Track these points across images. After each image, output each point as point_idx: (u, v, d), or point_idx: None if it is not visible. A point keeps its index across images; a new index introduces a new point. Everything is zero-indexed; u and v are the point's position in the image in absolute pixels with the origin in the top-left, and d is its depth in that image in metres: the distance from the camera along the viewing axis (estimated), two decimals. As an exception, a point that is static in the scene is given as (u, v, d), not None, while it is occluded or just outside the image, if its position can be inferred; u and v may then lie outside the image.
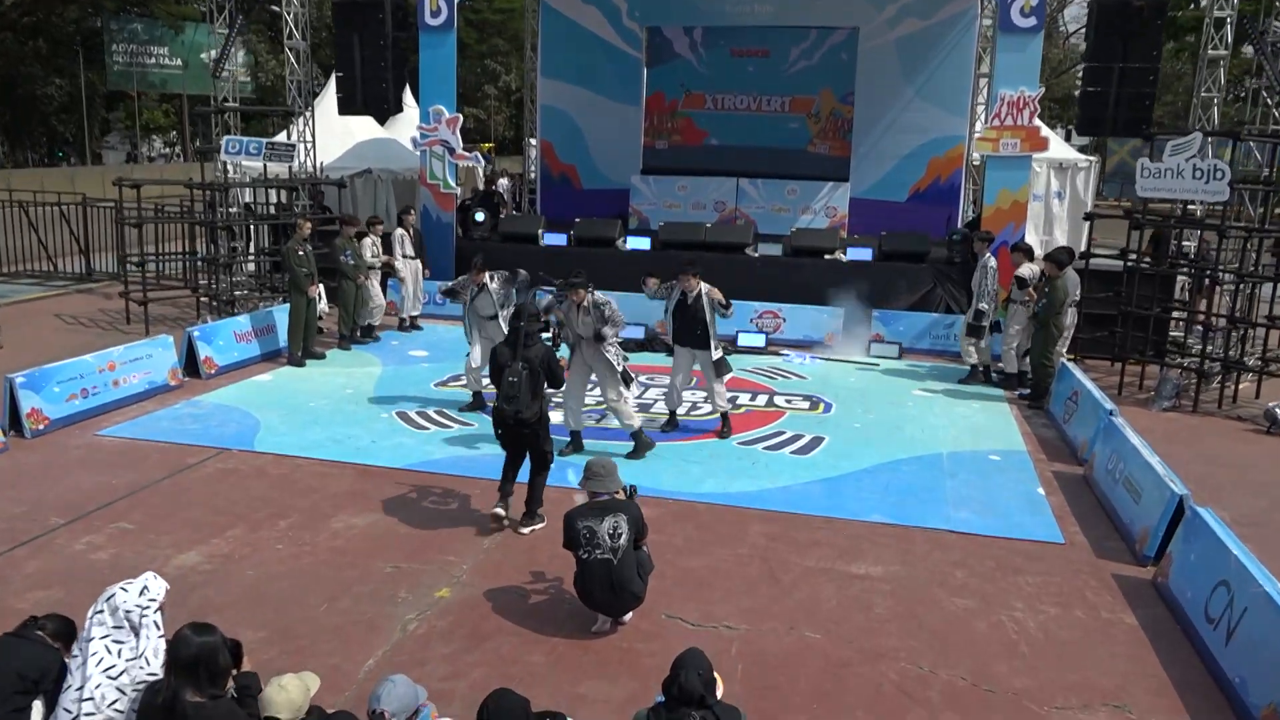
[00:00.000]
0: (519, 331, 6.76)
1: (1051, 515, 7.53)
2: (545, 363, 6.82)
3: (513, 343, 6.80)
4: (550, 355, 6.89)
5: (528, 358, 6.71)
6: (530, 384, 6.66)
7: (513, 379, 6.62)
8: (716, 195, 18.14)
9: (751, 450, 8.90)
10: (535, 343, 6.83)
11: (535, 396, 6.73)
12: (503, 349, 6.86)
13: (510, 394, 6.61)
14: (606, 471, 5.69)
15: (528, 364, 6.68)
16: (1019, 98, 13.34)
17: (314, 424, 9.29)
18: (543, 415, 6.88)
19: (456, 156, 15.24)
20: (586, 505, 5.61)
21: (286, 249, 11.53)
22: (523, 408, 6.63)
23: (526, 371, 6.65)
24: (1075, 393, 9.62)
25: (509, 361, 6.70)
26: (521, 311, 6.90)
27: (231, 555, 6.46)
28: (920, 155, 18.10)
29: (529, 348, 6.76)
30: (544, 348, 6.91)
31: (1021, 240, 13.33)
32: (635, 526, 5.51)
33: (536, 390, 6.74)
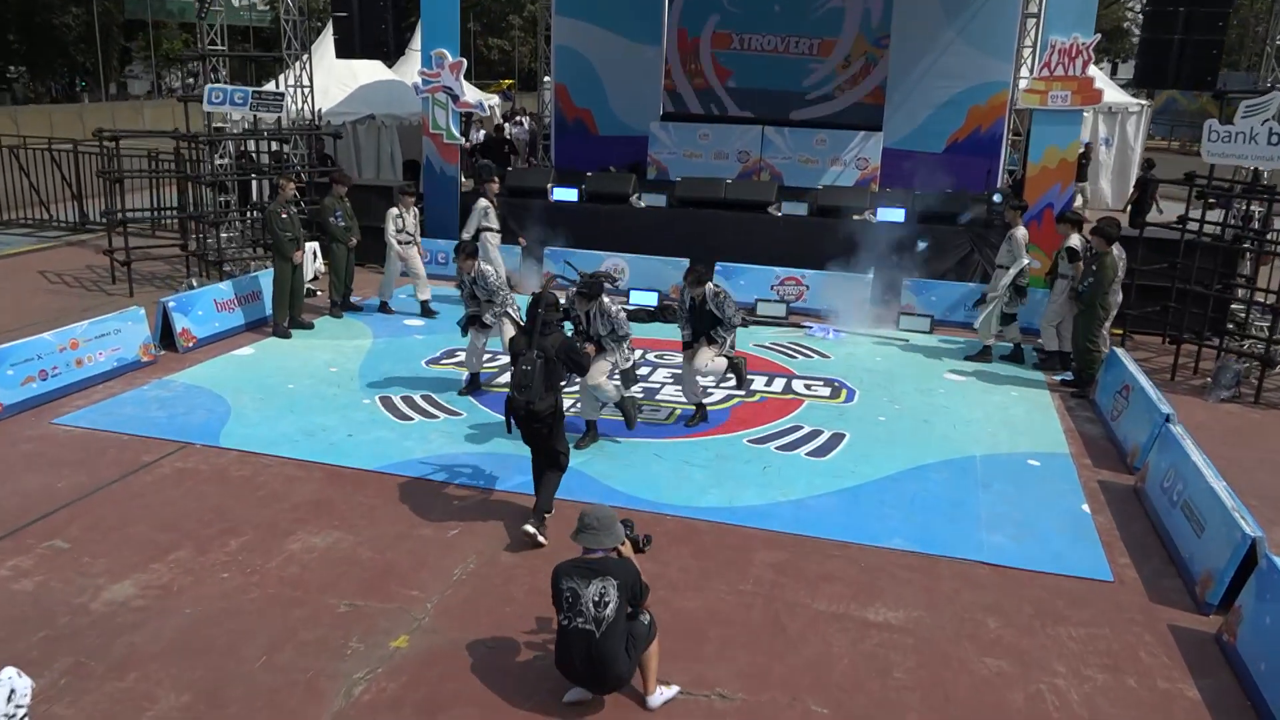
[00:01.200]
0: (536, 319, 6.36)
1: (1098, 542, 6.67)
2: (564, 352, 6.41)
3: (529, 330, 6.42)
4: (570, 345, 6.52)
5: (543, 346, 6.31)
6: (545, 374, 6.25)
7: (526, 367, 6.24)
8: (740, 145, 17.05)
9: (763, 451, 8.07)
10: (553, 331, 6.42)
11: (550, 388, 6.29)
12: (518, 337, 6.57)
13: (524, 383, 6.22)
14: (601, 524, 4.78)
15: (543, 353, 6.29)
16: (1072, 45, 12.13)
17: (288, 411, 8.56)
18: (557, 410, 6.41)
19: (460, 105, 14.25)
20: (576, 562, 4.77)
21: (269, 212, 10.71)
22: (535, 398, 6.21)
23: (542, 360, 6.26)
24: (1126, 387, 8.67)
25: (524, 350, 6.35)
26: (540, 298, 6.43)
27: (170, 587, 5.76)
28: (959, 103, 16.85)
29: (545, 335, 6.36)
30: (562, 336, 6.53)
31: (1070, 208, 12.26)
32: (629, 593, 4.66)
33: (551, 382, 6.32)
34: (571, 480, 7.30)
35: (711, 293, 8.26)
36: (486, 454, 7.83)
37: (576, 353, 6.61)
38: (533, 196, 14.50)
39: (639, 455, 7.89)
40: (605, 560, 4.71)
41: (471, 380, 9.30)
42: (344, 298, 11.85)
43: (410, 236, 11.83)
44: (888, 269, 12.71)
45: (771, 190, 14.01)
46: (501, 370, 9.72)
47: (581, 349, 6.74)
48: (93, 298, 12.46)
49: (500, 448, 7.89)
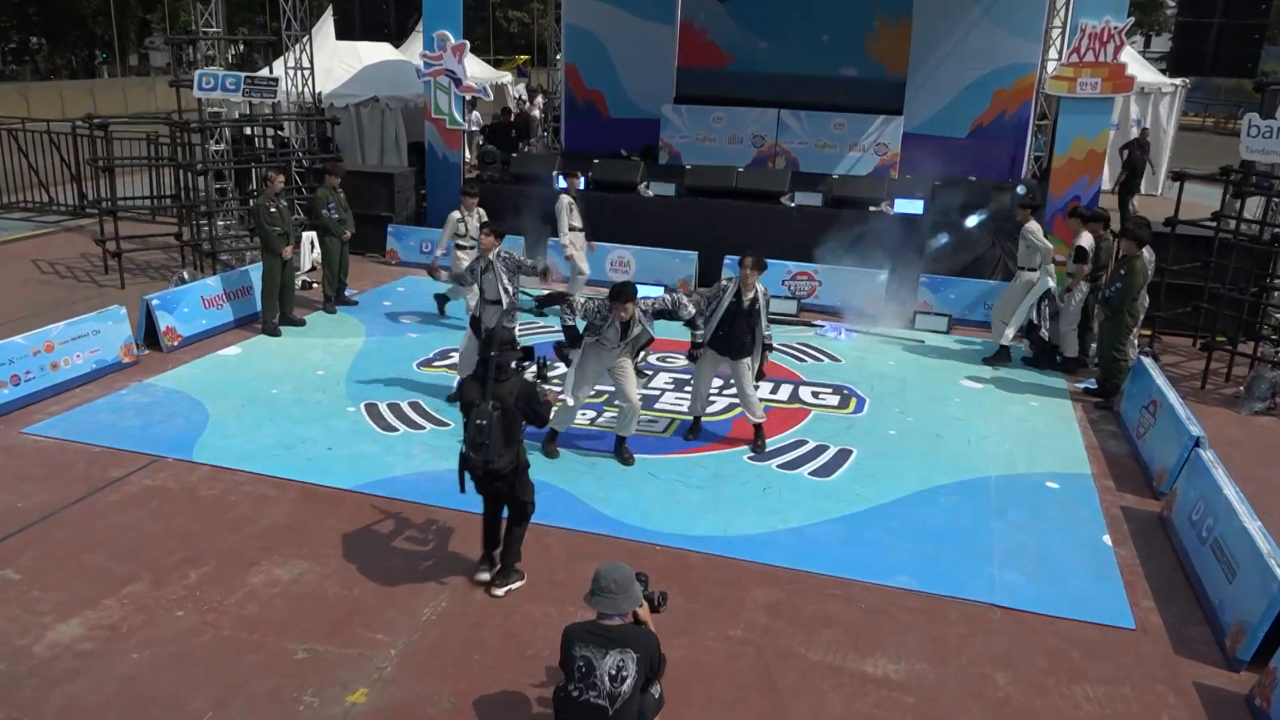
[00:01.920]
0: (489, 363, 5.50)
1: (1120, 581, 6.19)
2: (525, 400, 5.58)
3: (481, 376, 5.54)
4: (530, 391, 5.64)
5: (500, 395, 5.49)
6: (503, 427, 5.46)
7: (481, 422, 5.41)
8: (755, 128, 16.51)
9: (764, 469, 7.63)
10: (509, 376, 5.56)
11: (510, 443, 5.53)
12: (470, 384, 5.62)
13: (479, 440, 5.41)
14: (620, 586, 4.18)
15: (500, 403, 5.47)
16: (1103, 29, 11.52)
17: (268, 420, 8.19)
18: (519, 464, 5.70)
19: (464, 89, 13.78)
20: (590, 626, 4.19)
21: (257, 205, 10.30)
22: (493, 456, 5.45)
23: (498, 413, 5.44)
24: (1153, 401, 8.14)
25: (477, 399, 5.50)
26: (493, 337, 5.61)
27: (119, 627, 5.41)
28: (984, 86, 16.24)
29: (501, 382, 5.51)
30: (521, 383, 5.63)
31: (1095, 204, 11.67)
32: (647, 666, 4.14)
33: (511, 435, 5.54)
34: (558, 502, 6.92)
35: (764, 292, 7.76)
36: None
37: (538, 401, 5.67)
38: (537, 184, 14.01)
39: (631, 473, 7.47)
40: (626, 629, 4.15)
41: None
42: (338, 292, 11.46)
43: (475, 242, 10.39)
44: (904, 264, 12.19)
45: (784, 179, 13.47)
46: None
47: (544, 395, 5.79)
48: (84, 289, 12.13)
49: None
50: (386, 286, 12.60)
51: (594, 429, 8.24)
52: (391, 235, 13.77)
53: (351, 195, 13.61)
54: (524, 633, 5.47)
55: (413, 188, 14.45)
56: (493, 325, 8.56)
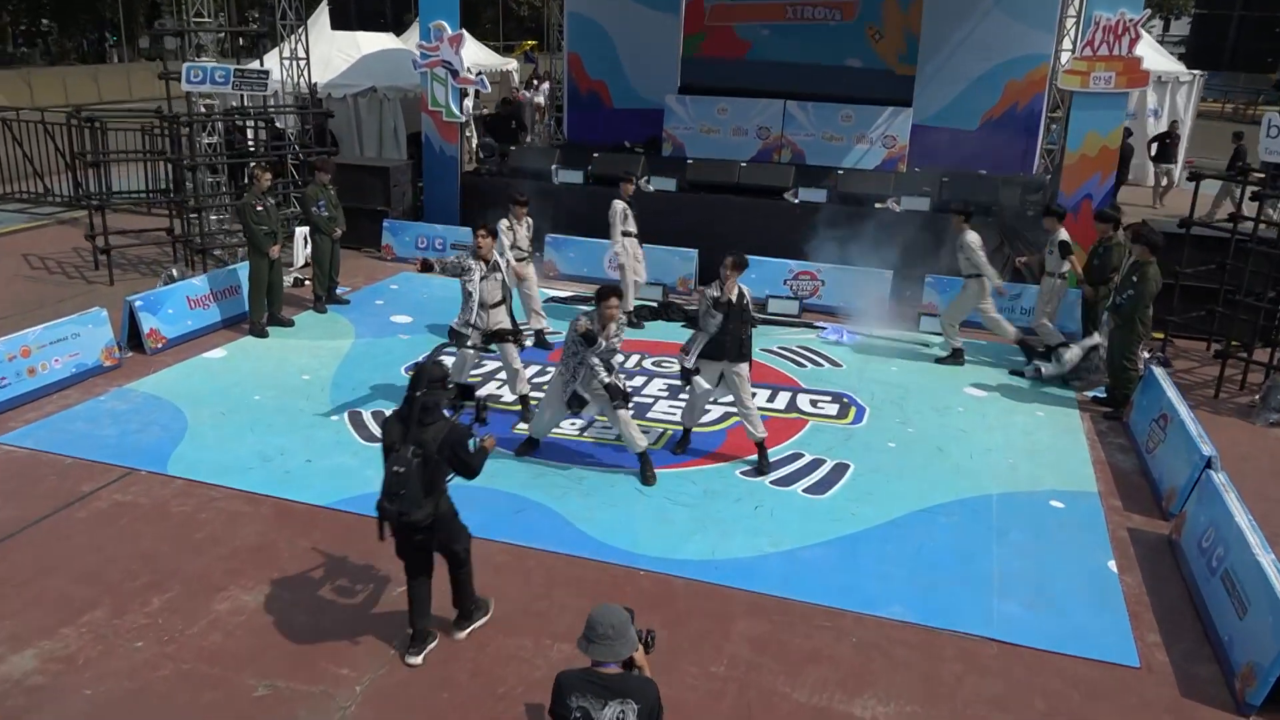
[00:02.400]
0: (414, 403, 4.92)
1: (1124, 612, 5.91)
2: (449, 448, 4.93)
3: (405, 416, 4.97)
4: (458, 437, 4.96)
5: (423, 440, 4.88)
6: (424, 476, 4.89)
7: (398, 469, 4.86)
8: (760, 120, 16.13)
9: (757, 485, 7.35)
10: (436, 419, 4.95)
11: (431, 493, 4.97)
12: (392, 424, 5.04)
13: (395, 489, 4.86)
14: (617, 632, 3.80)
15: (422, 449, 4.87)
16: (1118, 22, 11.13)
17: (248, 430, 7.96)
18: (439, 515, 5.07)
19: (460, 80, 13.47)
20: (586, 674, 3.79)
21: (243, 204, 10.05)
22: (410, 507, 4.88)
23: (419, 460, 4.86)
24: (1164, 416, 7.82)
25: (397, 443, 4.93)
26: (422, 374, 4.98)
27: (75, 659, 5.19)
28: (996, 77, 15.83)
29: (427, 425, 4.91)
30: (450, 428, 4.96)
31: (1110, 204, 11.34)
32: (648, 717, 3.75)
33: (434, 484, 4.97)
34: (542, 521, 6.68)
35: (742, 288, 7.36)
36: (451, 486, 7.14)
37: (465, 448, 4.99)
38: (535, 178, 13.71)
39: (619, 490, 7.21)
40: (625, 678, 3.77)
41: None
42: (329, 291, 11.22)
43: (525, 252, 10.10)
44: (910, 263, 11.86)
45: (788, 175, 13.14)
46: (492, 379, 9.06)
47: (479, 442, 5.14)
48: (72, 286, 11.93)
49: (478, 479, 7.22)
50: (380, 284, 12.36)
51: (585, 440, 7.99)
52: (387, 230, 13.51)
53: (346, 189, 13.39)
54: (495, 669, 5.23)
55: (409, 181, 14.17)
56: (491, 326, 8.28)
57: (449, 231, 13.32)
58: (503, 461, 7.52)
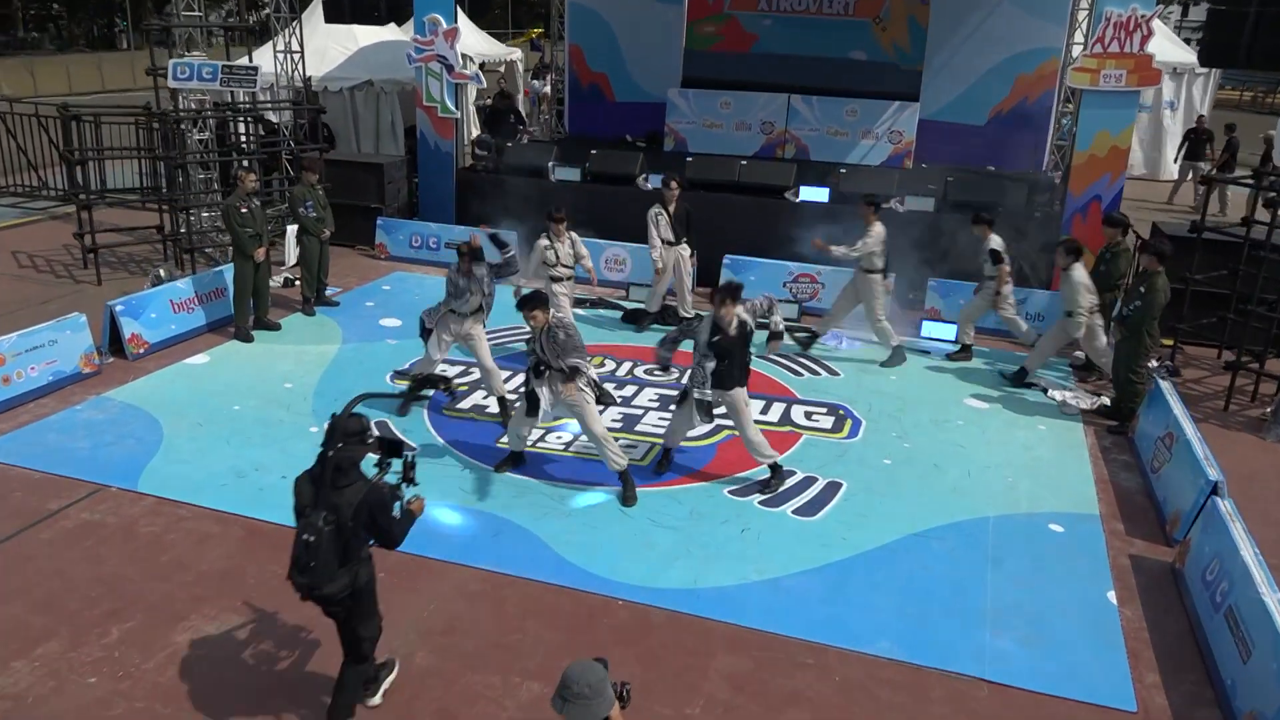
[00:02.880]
0: (326, 461, 4.34)
1: (1123, 649, 5.65)
2: (367, 514, 4.34)
3: (316, 477, 4.39)
4: (378, 501, 4.36)
5: (336, 505, 4.31)
6: (337, 546, 4.33)
7: (308, 537, 4.26)
8: (764, 114, 15.82)
9: (745, 505, 7.11)
10: (353, 479, 4.38)
11: (347, 562, 4.40)
12: (303, 485, 4.46)
13: (304, 561, 4.27)
14: (594, 690, 3.45)
15: (334, 515, 4.30)
16: (1129, 18, 10.78)
17: (224, 442, 7.75)
18: (358, 588, 4.50)
19: (455, 75, 13.21)
20: None
21: (227, 207, 9.82)
22: (321, 581, 4.33)
23: (332, 528, 4.29)
24: (1170, 434, 7.54)
25: (308, 508, 4.37)
26: (335, 428, 4.39)
27: (24, 697, 5.00)
28: (1006, 71, 15.47)
29: (341, 489, 4.33)
30: (369, 490, 4.36)
31: (1117, 204, 11.03)
32: None
33: (349, 554, 4.39)
34: (519, 545, 6.46)
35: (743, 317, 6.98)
36: (429, 504, 6.93)
37: (386, 513, 4.38)
38: (532, 176, 13.45)
39: (603, 510, 6.98)
40: None
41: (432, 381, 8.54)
42: (317, 293, 11.01)
43: (568, 271, 9.51)
44: (912, 266, 11.56)
45: (789, 173, 12.83)
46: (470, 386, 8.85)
47: (407, 504, 4.56)
48: (59, 286, 11.75)
49: (447, 496, 7.04)
50: (372, 284, 12.14)
51: (569, 456, 7.76)
52: (381, 229, 13.28)
53: (339, 185, 13.19)
54: (461, 710, 5.02)
55: (404, 178, 13.93)
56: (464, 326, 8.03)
57: (444, 230, 13.08)
58: (485, 478, 7.31)
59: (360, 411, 4.63)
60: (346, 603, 4.50)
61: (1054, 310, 10.85)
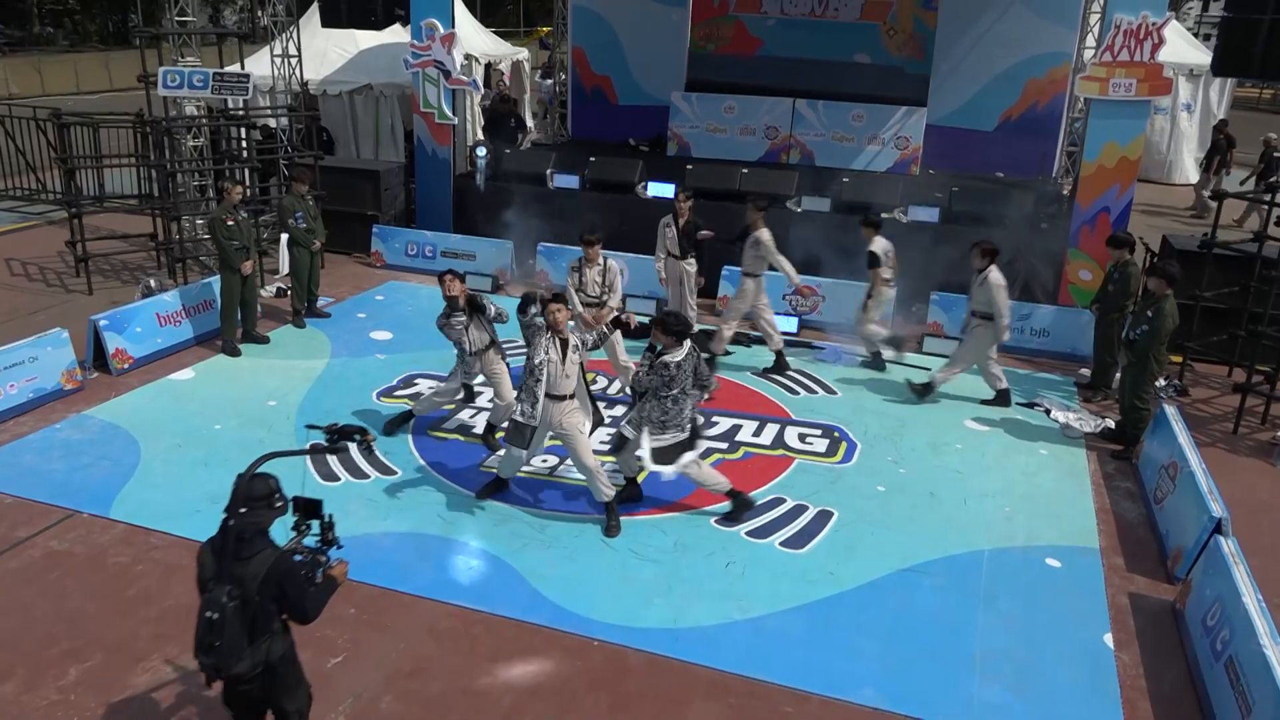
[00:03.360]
0: (228, 532, 3.96)
1: (1118, 700, 5.42)
2: (276, 586, 3.95)
3: (219, 547, 3.99)
4: (288, 571, 3.97)
5: (241, 577, 3.92)
6: (244, 621, 3.95)
7: (210, 615, 3.87)
8: (768, 119, 15.54)
9: (731, 537, 6.90)
10: (258, 548, 3.98)
11: (258, 638, 4.02)
12: (205, 556, 4.07)
13: (208, 640, 3.88)
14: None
15: (240, 588, 3.92)
16: (1140, 26, 10.49)
17: (202, 465, 7.59)
18: (271, 664, 4.10)
19: (453, 81, 13.02)
20: None
21: (213, 219, 9.67)
22: (228, 660, 3.94)
23: (236, 603, 3.90)
24: (1174, 464, 7.28)
25: (210, 582, 3.97)
26: (236, 492, 3.99)
27: (-27, 745, 4.86)
28: (1016, 75, 15.15)
29: (245, 559, 3.94)
30: (277, 559, 3.97)
31: (1126, 217, 10.75)
32: None
33: (258, 629, 4.00)
34: (495, 579, 6.29)
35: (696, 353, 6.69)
36: (406, 535, 6.79)
37: (298, 584, 3.98)
38: (530, 183, 13.25)
39: (584, 541, 6.78)
40: None
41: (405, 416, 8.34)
42: (309, 305, 10.84)
43: (595, 299, 8.77)
44: (916, 279, 11.31)
45: (791, 182, 12.58)
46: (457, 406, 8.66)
47: (328, 570, 4.15)
48: (49, 295, 11.62)
49: (425, 525, 6.86)
50: (365, 294, 11.97)
51: (554, 481, 7.56)
52: (376, 236, 13.11)
53: (335, 192, 13.06)
54: (422, 763, 4.83)
55: (401, 184, 13.77)
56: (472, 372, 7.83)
57: (439, 239, 12.91)
58: (465, 504, 7.13)
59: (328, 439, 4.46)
60: (262, 680, 4.11)
61: (1060, 327, 10.64)
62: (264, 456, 4.23)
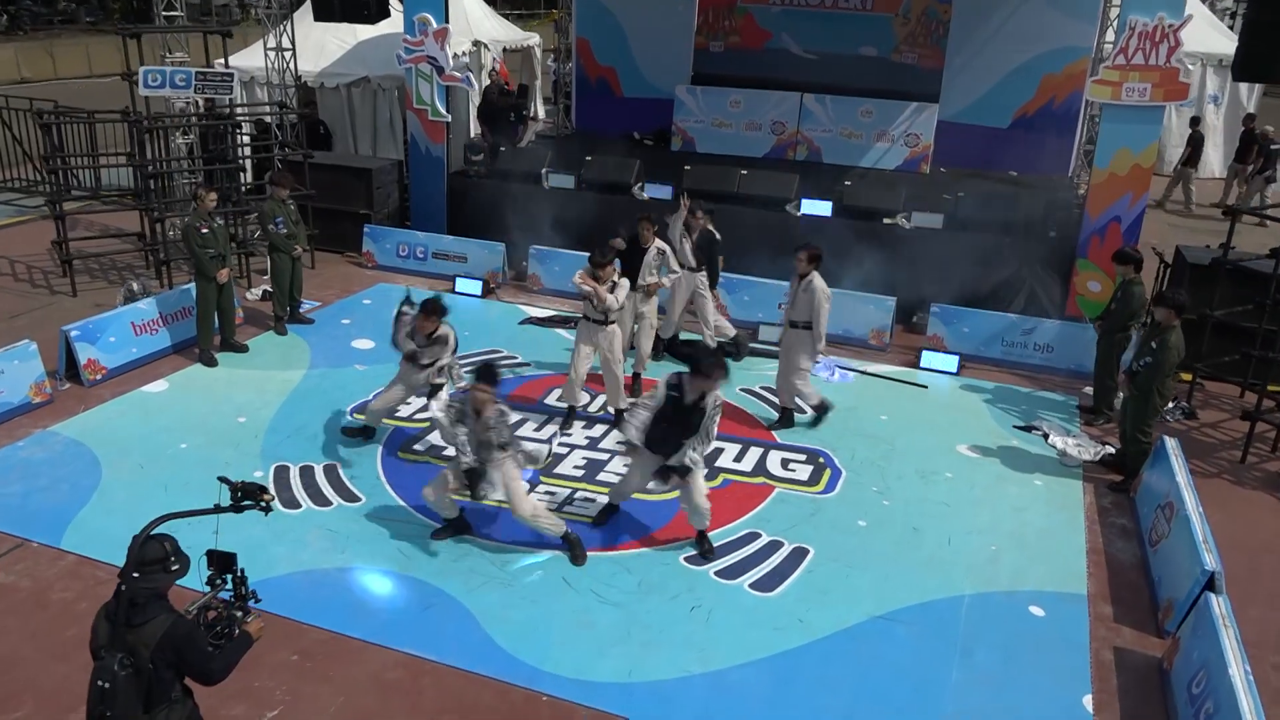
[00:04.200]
0: (120, 597, 3.77)
1: (1092, 774, 5.12)
2: (173, 652, 3.80)
3: (113, 613, 3.82)
4: (181, 637, 3.81)
5: (134, 645, 3.75)
6: (138, 690, 3.76)
7: (102, 683, 3.69)
8: (775, 114, 15.12)
9: (699, 576, 6.61)
10: (151, 615, 3.81)
11: (155, 706, 3.84)
12: (99, 622, 3.90)
13: (98, 710, 3.71)
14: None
15: (133, 657, 3.73)
16: (1155, 27, 10.00)
17: (162, 489, 7.39)
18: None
19: (446, 78, 12.70)
20: None
21: (186, 227, 9.44)
22: None
23: (129, 672, 3.72)
24: (1170, 505, 6.91)
25: (103, 649, 3.80)
26: (129, 556, 3.80)
27: (-116, 807, 4.68)
28: (1032, 70, 14.62)
29: (138, 626, 3.77)
30: (173, 624, 3.82)
31: (1138, 228, 10.33)
32: None
33: (156, 697, 3.82)
34: (448, 623, 6.05)
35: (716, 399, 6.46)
36: (361, 570, 6.56)
37: (195, 648, 3.85)
38: (525, 182, 12.94)
39: (545, 580, 6.52)
40: None
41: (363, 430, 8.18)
42: (291, 310, 10.62)
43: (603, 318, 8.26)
44: (917, 288, 10.95)
45: (791, 185, 12.18)
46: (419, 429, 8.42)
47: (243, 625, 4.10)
48: (34, 298, 11.47)
49: (382, 558, 6.63)
50: (353, 298, 11.74)
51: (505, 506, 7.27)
52: (368, 236, 12.86)
53: (327, 190, 12.82)
54: (346, 837, 4.61)
55: (395, 182, 13.49)
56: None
57: (431, 240, 12.64)
58: (427, 534, 6.88)
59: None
60: None
61: (1064, 343, 10.24)
62: (159, 519, 4.04)
